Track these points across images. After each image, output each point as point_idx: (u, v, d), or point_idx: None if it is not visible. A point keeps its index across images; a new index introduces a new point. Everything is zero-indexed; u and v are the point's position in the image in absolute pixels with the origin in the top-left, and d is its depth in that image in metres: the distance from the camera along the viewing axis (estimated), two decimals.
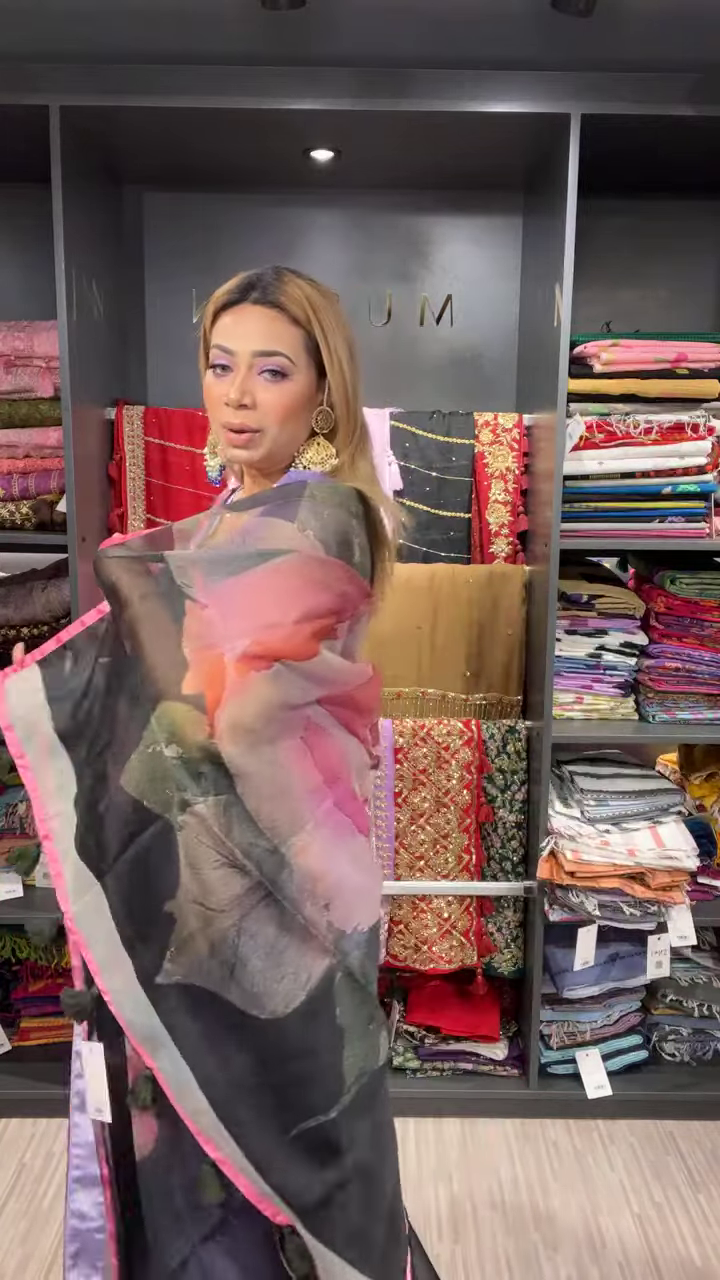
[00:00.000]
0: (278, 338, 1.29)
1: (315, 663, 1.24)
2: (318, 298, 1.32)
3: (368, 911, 1.31)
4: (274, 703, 1.22)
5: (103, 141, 2.25)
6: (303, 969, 1.23)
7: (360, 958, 1.28)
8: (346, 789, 1.34)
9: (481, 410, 2.49)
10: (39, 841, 1.37)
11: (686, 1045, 2.55)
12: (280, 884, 1.21)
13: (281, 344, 1.29)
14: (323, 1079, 1.24)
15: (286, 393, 1.30)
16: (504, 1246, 2.09)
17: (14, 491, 2.34)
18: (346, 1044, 1.25)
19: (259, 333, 1.29)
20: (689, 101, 2.04)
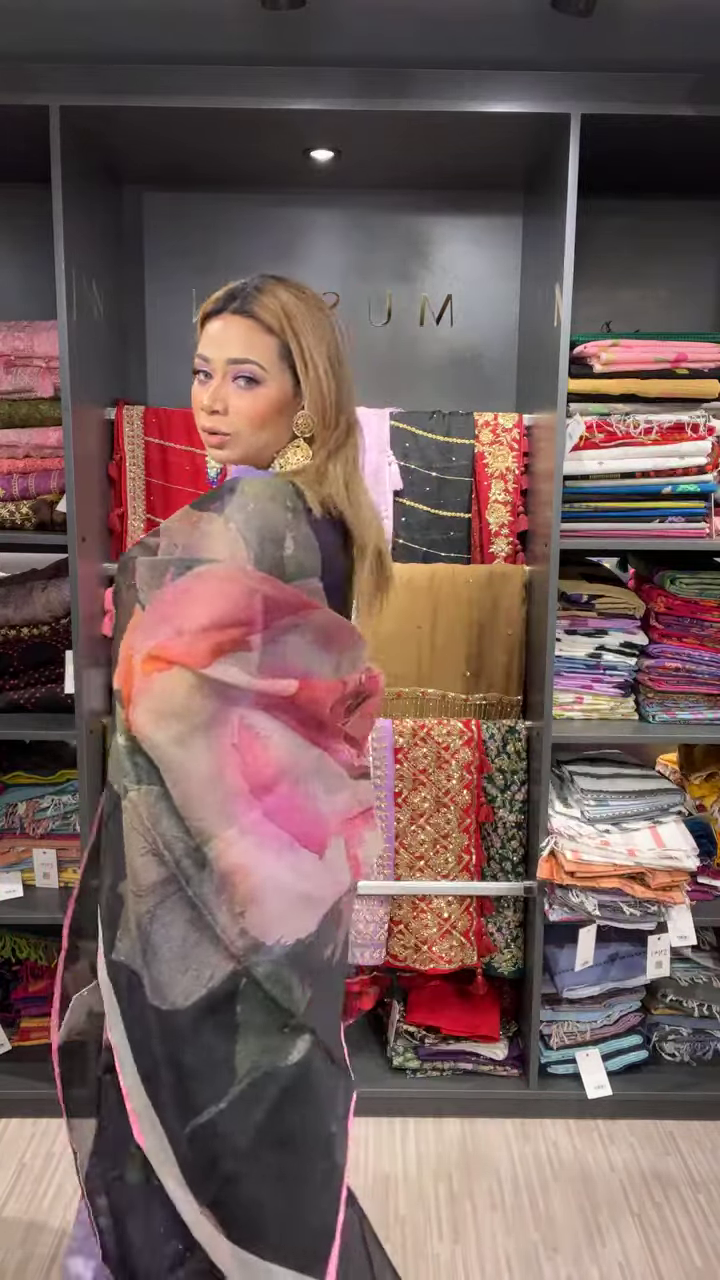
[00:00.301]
0: (251, 346, 1.35)
1: (210, 671, 1.25)
2: (295, 305, 1.36)
3: (298, 925, 1.32)
4: (176, 701, 1.25)
5: (103, 141, 2.25)
6: (206, 967, 1.27)
7: (274, 970, 1.29)
8: (288, 800, 1.33)
9: (481, 410, 2.49)
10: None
11: (686, 1045, 2.55)
12: (195, 881, 1.25)
13: (254, 352, 1.35)
14: (214, 1073, 1.27)
15: (258, 399, 1.36)
16: (504, 1246, 2.09)
17: (14, 491, 2.34)
18: (240, 1039, 1.28)
19: (233, 341, 1.35)
20: (689, 101, 2.04)
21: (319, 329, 1.38)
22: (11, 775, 2.55)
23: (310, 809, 1.37)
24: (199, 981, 1.26)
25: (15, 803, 2.50)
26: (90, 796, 2.33)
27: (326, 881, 1.37)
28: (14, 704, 2.42)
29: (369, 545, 1.42)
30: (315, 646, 1.36)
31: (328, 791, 1.40)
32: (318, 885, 1.36)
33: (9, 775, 2.55)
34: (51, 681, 2.42)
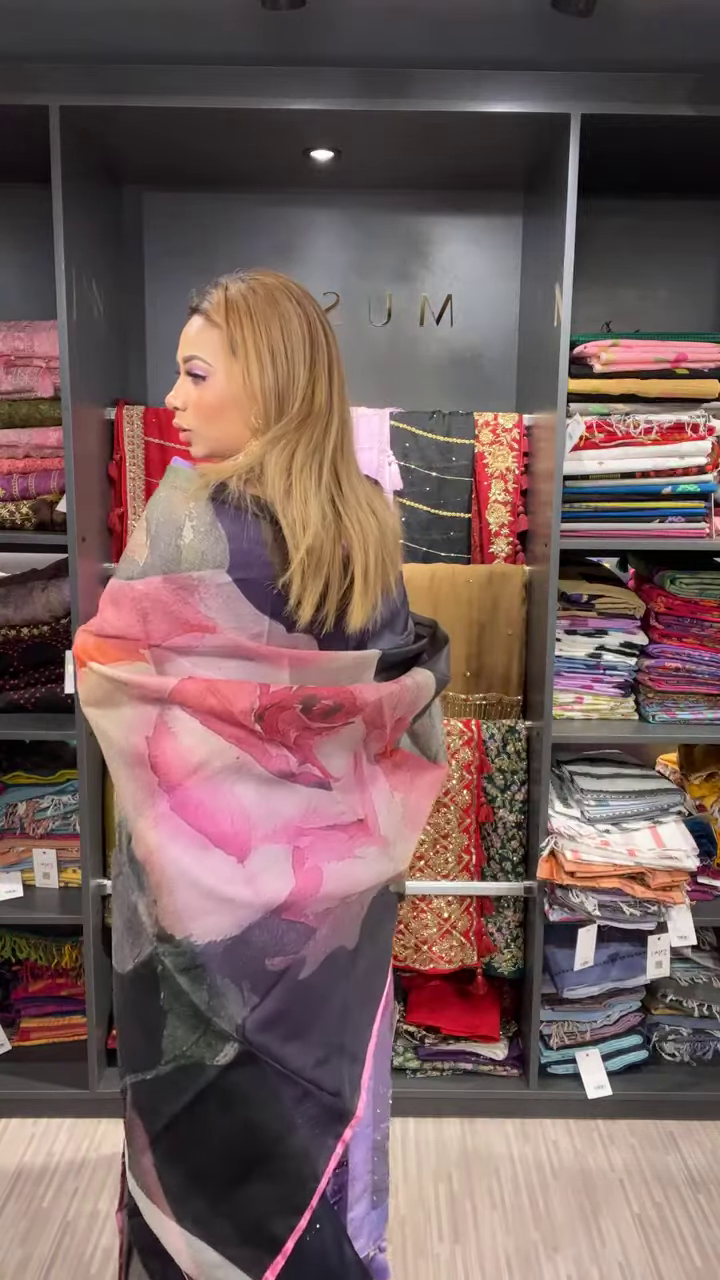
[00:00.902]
0: (199, 343, 1.39)
1: (104, 669, 1.32)
2: (241, 298, 1.37)
3: (212, 925, 1.32)
4: (89, 693, 1.35)
5: (102, 141, 2.25)
6: (136, 943, 1.36)
7: (184, 965, 1.31)
8: (198, 797, 1.32)
9: (481, 410, 2.49)
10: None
11: (686, 1045, 2.55)
12: (129, 862, 1.36)
13: (200, 348, 1.39)
14: (144, 1043, 1.37)
15: (204, 392, 1.38)
16: (504, 1246, 2.09)
17: (14, 491, 2.34)
18: (167, 1024, 1.35)
19: (187, 340, 1.41)
20: (689, 101, 2.04)
21: (263, 318, 1.36)
22: (11, 775, 2.55)
23: (226, 810, 1.34)
24: (130, 954, 1.37)
25: (15, 803, 2.50)
26: (90, 796, 2.33)
27: (243, 887, 1.32)
28: (14, 704, 2.42)
29: (300, 547, 1.30)
30: (233, 663, 1.33)
31: (260, 796, 1.36)
32: (232, 888, 1.32)
33: (9, 775, 2.55)
34: (51, 681, 2.42)
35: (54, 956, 2.52)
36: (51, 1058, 2.50)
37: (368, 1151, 1.60)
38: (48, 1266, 2.03)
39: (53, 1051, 2.53)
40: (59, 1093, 2.43)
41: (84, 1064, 2.42)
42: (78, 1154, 2.32)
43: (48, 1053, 2.52)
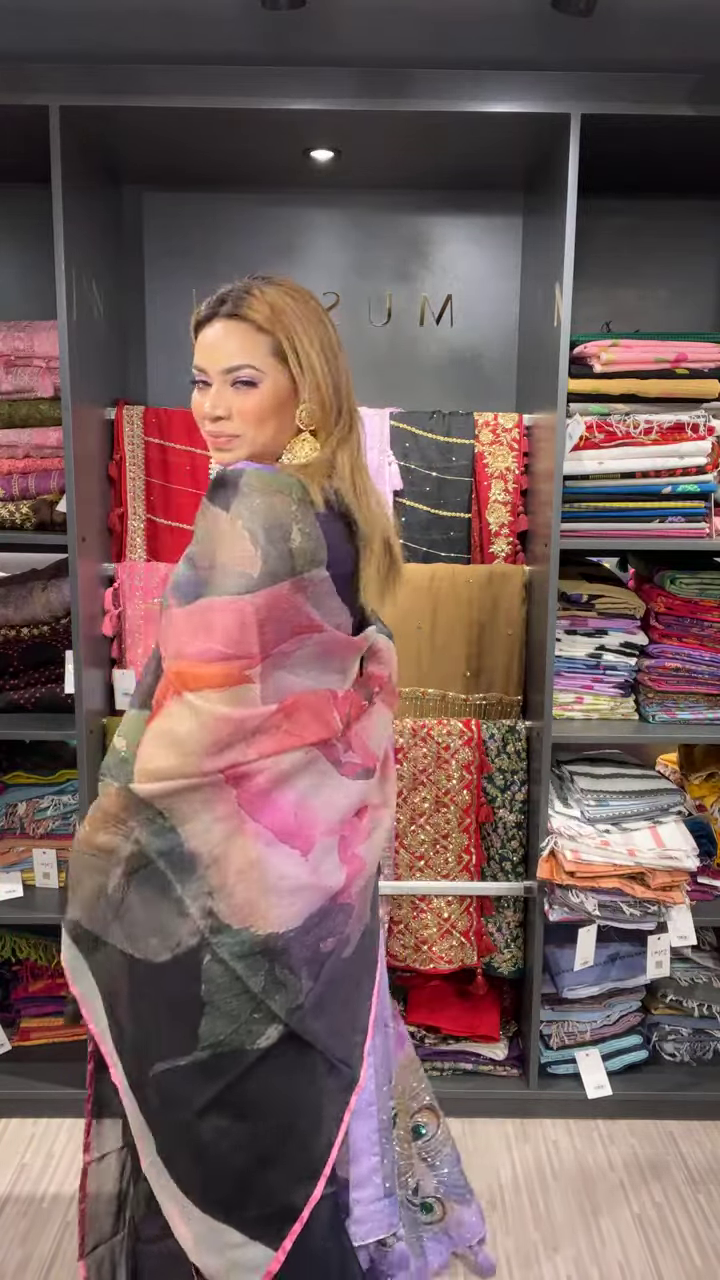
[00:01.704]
0: (243, 350, 1.38)
1: (208, 704, 1.31)
2: (283, 301, 1.40)
3: (274, 917, 1.36)
4: (179, 730, 1.32)
5: (102, 141, 2.25)
6: (173, 936, 1.35)
7: (244, 955, 1.35)
8: (267, 794, 1.38)
9: (481, 410, 2.49)
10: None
11: (686, 1045, 2.55)
12: (163, 858, 1.34)
13: (247, 355, 1.38)
14: (177, 1030, 1.36)
15: (257, 399, 1.40)
16: (504, 1246, 2.09)
17: (14, 491, 2.34)
18: (205, 1014, 1.35)
19: (227, 349, 1.39)
20: (689, 101, 2.04)
21: (309, 321, 1.41)
22: (11, 775, 2.55)
23: (294, 806, 1.39)
24: (166, 945, 1.36)
25: (15, 803, 2.50)
26: (90, 796, 2.33)
27: (310, 878, 1.39)
28: (14, 704, 2.42)
29: (375, 536, 1.44)
30: (316, 664, 1.40)
31: (321, 791, 1.42)
32: (297, 881, 1.38)
33: (9, 775, 2.55)
34: (51, 681, 2.42)
35: (54, 956, 2.52)
36: (51, 1058, 2.50)
37: (373, 1130, 1.63)
38: (48, 1266, 2.03)
39: (53, 1051, 2.53)
40: (59, 1093, 2.43)
41: (84, 1064, 2.41)
42: (78, 1154, 2.32)
43: (48, 1053, 2.52)
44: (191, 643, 1.31)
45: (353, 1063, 1.49)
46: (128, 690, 2.44)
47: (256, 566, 1.30)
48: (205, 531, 1.34)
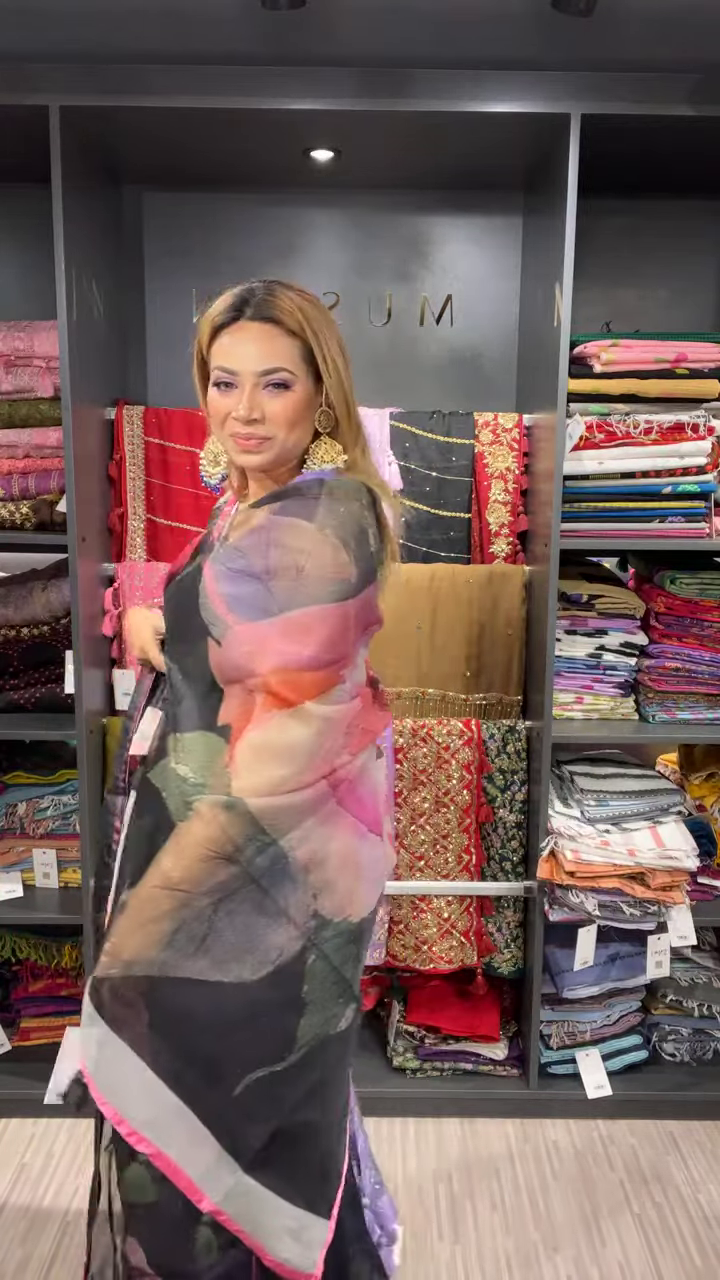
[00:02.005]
0: (276, 353, 1.37)
1: (315, 709, 1.33)
2: (309, 307, 1.40)
3: (363, 903, 1.43)
4: (286, 740, 1.32)
5: (103, 141, 2.25)
6: (274, 948, 1.34)
7: (341, 945, 1.39)
8: (356, 788, 1.42)
9: (481, 410, 2.49)
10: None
11: (686, 1045, 2.55)
12: (266, 875, 1.32)
13: (280, 358, 1.38)
14: (274, 1038, 1.35)
15: (290, 402, 1.39)
16: (504, 1246, 2.09)
17: (14, 491, 2.34)
18: (305, 1014, 1.36)
19: (259, 352, 1.37)
20: (689, 101, 2.04)
21: (330, 327, 1.42)
22: (11, 775, 2.55)
23: (371, 795, 1.46)
24: (267, 960, 1.33)
25: (15, 803, 2.50)
26: (90, 796, 2.33)
27: (383, 861, 1.49)
28: (14, 704, 2.42)
29: (394, 534, 1.50)
30: (362, 656, 1.46)
31: (375, 776, 1.51)
32: (378, 865, 1.47)
33: (9, 775, 2.55)
34: (51, 681, 2.42)
35: (54, 956, 2.52)
36: (51, 1058, 2.49)
37: (359, 1120, 1.69)
38: (48, 1266, 2.03)
39: (53, 1051, 2.52)
40: None
41: None
42: (78, 1154, 2.32)
43: (48, 1053, 2.52)
44: (289, 653, 1.31)
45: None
46: (128, 690, 2.44)
47: (351, 573, 1.33)
48: (278, 543, 1.33)
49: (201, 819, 1.31)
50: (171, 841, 1.33)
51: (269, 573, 1.32)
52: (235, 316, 1.38)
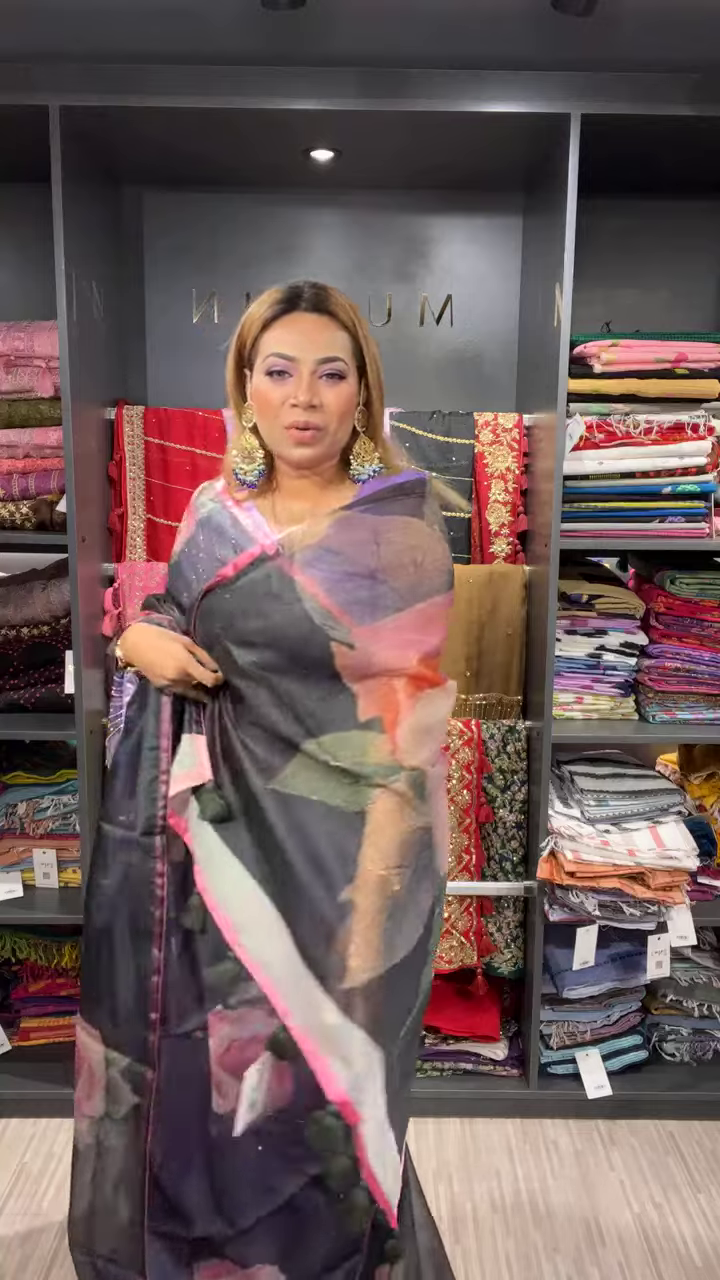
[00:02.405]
0: (333, 343, 1.40)
1: (448, 687, 1.49)
2: (354, 307, 1.44)
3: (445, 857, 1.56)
4: (437, 717, 1.44)
5: (103, 141, 2.25)
6: (426, 908, 1.46)
7: (440, 897, 1.51)
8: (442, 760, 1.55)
9: (481, 410, 2.49)
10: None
11: (686, 1045, 2.55)
12: (432, 836, 1.46)
13: (337, 349, 1.40)
14: (412, 991, 1.46)
15: (344, 393, 1.42)
16: (504, 1246, 2.09)
17: (14, 491, 2.34)
18: (427, 966, 1.48)
19: (318, 340, 1.39)
20: (689, 101, 2.04)
21: (367, 325, 1.46)
22: (11, 775, 2.55)
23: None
24: (421, 920, 1.45)
25: (15, 803, 2.50)
26: (90, 796, 2.33)
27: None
28: (14, 704, 2.42)
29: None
30: None
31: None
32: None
33: (9, 775, 2.55)
34: (51, 681, 2.42)
35: (54, 956, 2.52)
36: (51, 1058, 2.50)
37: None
38: (48, 1266, 2.03)
39: (53, 1051, 2.52)
40: (59, 1093, 2.42)
41: None
42: None
43: (48, 1053, 2.52)
44: (426, 642, 1.42)
45: None
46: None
47: (449, 563, 1.46)
48: (388, 540, 1.39)
49: (397, 800, 1.39)
50: (373, 830, 1.38)
51: (383, 570, 1.38)
52: (289, 308, 1.39)
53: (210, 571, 1.47)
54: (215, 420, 2.45)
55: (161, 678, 1.46)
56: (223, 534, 1.49)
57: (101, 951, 1.49)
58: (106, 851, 1.50)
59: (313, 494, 1.48)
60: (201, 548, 1.51)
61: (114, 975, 1.47)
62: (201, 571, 1.49)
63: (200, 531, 1.52)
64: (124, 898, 1.47)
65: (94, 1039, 1.49)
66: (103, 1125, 1.49)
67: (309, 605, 1.37)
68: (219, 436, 2.45)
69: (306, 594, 1.37)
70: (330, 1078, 1.37)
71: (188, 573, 1.51)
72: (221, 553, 1.47)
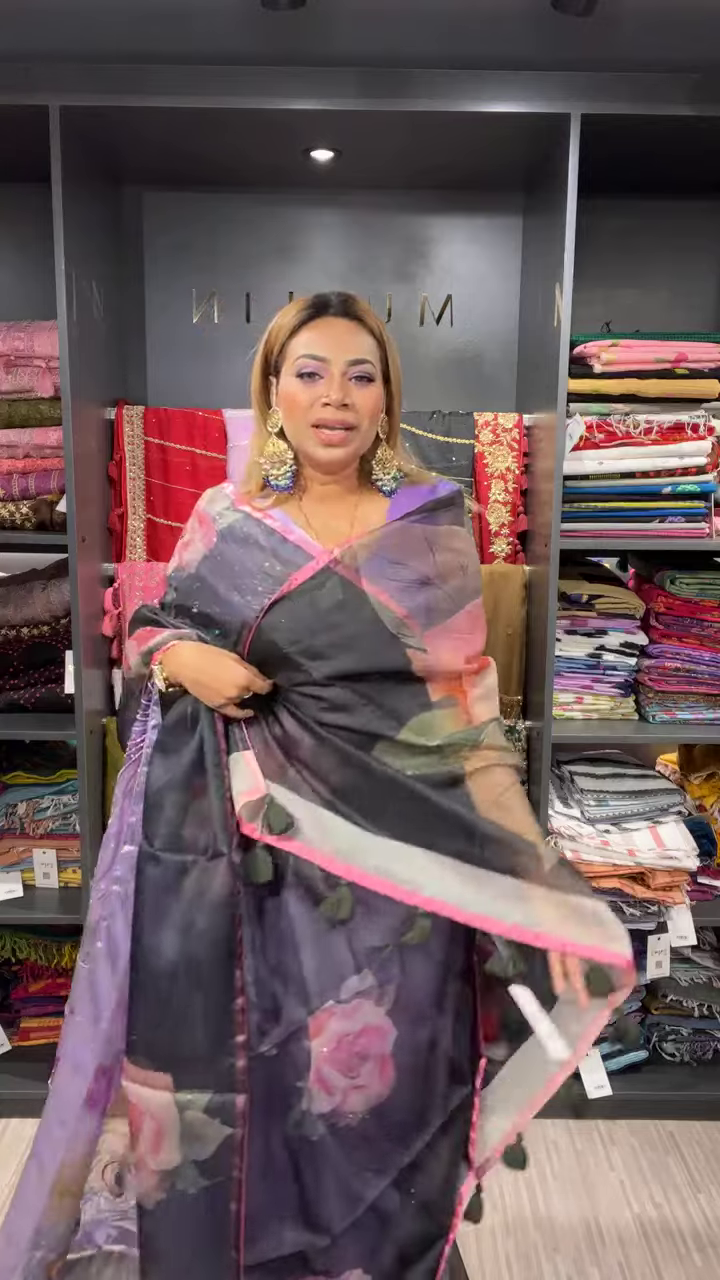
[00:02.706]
0: (363, 347, 1.43)
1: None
2: (378, 317, 1.47)
3: None
4: (495, 688, 1.54)
5: (103, 141, 2.25)
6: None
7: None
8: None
9: (481, 410, 2.49)
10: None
11: (686, 1045, 2.55)
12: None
13: (366, 352, 1.43)
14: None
15: (373, 395, 1.44)
16: (504, 1246, 2.09)
17: (14, 491, 2.34)
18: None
19: (349, 343, 1.42)
20: (689, 101, 2.04)
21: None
22: (11, 775, 2.55)
23: None
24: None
25: (15, 803, 2.50)
26: (90, 796, 2.33)
27: None
28: (14, 704, 2.42)
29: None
30: None
31: None
32: None
33: (9, 775, 2.55)
34: (51, 681, 2.42)
35: (54, 956, 2.52)
36: (51, 1058, 2.48)
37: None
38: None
39: (53, 1051, 2.51)
40: None
41: None
42: None
43: (48, 1053, 2.51)
44: (476, 639, 1.50)
45: None
46: None
47: (480, 565, 1.58)
48: (444, 548, 1.46)
49: (503, 755, 1.47)
50: (509, 796, 1.44)
51: (439, 576, 1.44)
52: (318, 313, 1.42)
53: (261, 585, 1.43)
54: (215, 420, 2.45)
55: (220, 695, 1.41)
56: (257, 544, 1.46)
57: (172, 993, 1.39)
58: (164, 885, 1.40)
59: (342, 500, 1.49)
60: (235, 560, 1.46)
61: (187, 1014, 1.38)
62: (245, 584, 1.44)
63: (225, 544, 1.47)
64: (195, 929, 1.39)
65: (157, 1088, 1.39)
66: (181, 1174, 1.38)
67: (385, 615, 1.39)
68: (219, 436, 2.45)
69: (380, 604, 1.39)
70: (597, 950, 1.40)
71: (217, 585, 1.46)
72: (267, 564, 1.44)
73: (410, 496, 1.49)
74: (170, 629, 1.49)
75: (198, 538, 1.52)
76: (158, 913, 1.39)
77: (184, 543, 1.56)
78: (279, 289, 2.61)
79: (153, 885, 1.40)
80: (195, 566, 1.50)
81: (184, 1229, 1.40)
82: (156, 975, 1.39)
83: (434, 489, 1.51)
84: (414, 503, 1.48)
